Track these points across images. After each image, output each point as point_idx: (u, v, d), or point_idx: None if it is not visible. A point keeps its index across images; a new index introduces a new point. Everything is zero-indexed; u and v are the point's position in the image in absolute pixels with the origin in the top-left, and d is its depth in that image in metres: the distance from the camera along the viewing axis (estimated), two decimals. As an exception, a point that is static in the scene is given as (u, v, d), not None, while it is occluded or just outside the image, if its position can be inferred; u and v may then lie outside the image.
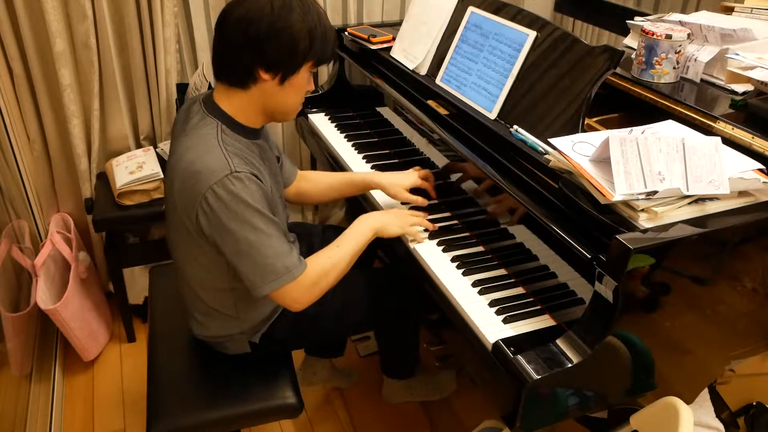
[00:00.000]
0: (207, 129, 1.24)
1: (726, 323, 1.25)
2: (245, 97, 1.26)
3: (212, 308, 1.41)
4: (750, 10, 1.61)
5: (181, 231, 1.28)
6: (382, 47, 1.96)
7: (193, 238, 1.27)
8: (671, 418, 1.12)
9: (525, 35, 1.47)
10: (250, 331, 1.45)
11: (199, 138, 1.23)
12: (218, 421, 1.41)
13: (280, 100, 1.27)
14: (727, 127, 1.29)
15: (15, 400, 1.74)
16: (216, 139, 1.22)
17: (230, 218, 1.19)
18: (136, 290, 2.35)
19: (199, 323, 1.46)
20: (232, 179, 1.17)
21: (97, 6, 1.98)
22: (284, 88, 1.25)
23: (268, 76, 1.22)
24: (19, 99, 2.06)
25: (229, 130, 1.26)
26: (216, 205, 1.18)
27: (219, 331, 1.44)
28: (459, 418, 2.00)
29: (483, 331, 1.22)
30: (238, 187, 1.18)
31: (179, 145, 1.26)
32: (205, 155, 1.20)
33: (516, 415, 1.11)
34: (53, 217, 2.25)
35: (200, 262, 1.32)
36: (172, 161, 1.28)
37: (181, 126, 1.31)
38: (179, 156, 1.23)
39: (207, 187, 1.17)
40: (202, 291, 1.39)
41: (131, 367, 2.21)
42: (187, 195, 1.21)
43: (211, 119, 1.26)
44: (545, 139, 1.29)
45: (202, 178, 1.18)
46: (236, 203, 1.18)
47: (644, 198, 1.09)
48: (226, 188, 1.17)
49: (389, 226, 1.45)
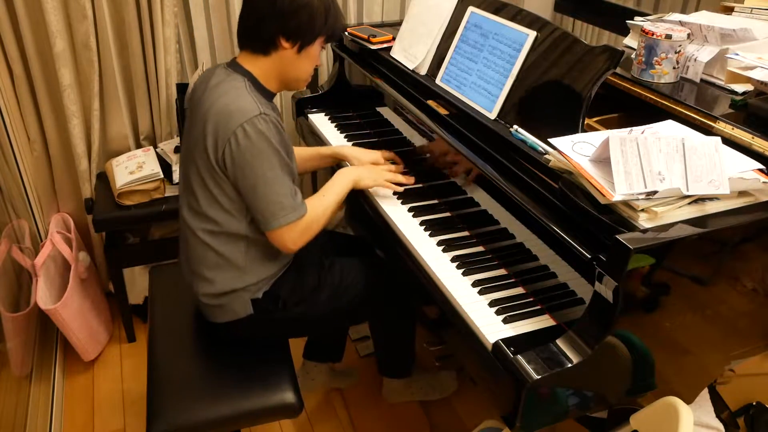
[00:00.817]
0: (236, 82, 1.39)
1: (726, 323, 1.25)
2: (267, 62, 1.43)
3: (222, 259, 1.45)
4: (750, 10, 1.61)
5: (205, 175, 1.39)
6: (382, 47, 1.96)
7: (216, 180, 1.38)
8: (671, 418, 1.12)
9: (525, 35, 1.47)
10: (254, 289, 1.49)
11: (230, 87, 1.38)
12: (218, 420, 1.41)
13: (296, 67, 1.45)
14: (727, 127, 1.29)
15: (15, 400, 1.74)
16: (246, 89, 1.38)
17: (254, 155, 1.33)
18: (136, 290, 2.35)
19: (205, 280, 1.48)
20: (260, 119, 1.33)
21: (97, 6, 1.98)
22: (300, 57, 1.43)
23: (288, 45, 1.40)
24: (19, 99, 2.06)
25: (254, 87, 1.41)
26: (243, 141, 1.32)
27: (225, 286, 1.47)
28: (459, 418, 2.00)
29: (483, 331, 1.22)
30: (264, 127, 1.34)
31: (209, 96, 1.38)
32: (237, 99, 1.36)
33: (516, 415, 1.11)
34: (53, 217, 2.25)
35: (222, 205, 1.41)
36: (202, 109, 1.38)
37: (202, 88, 1.43)
38: (212, 102, 1.36)
39: (238, 125, 1.32)
40: (216, 240, 1.44)
41: (131, 367, 2.22)
42: (219, 132, 1.34)
43: (238, 75, 1.41)
44: (545, 139, 1.29)
45: (235, 116, 1.33)
46: (261, 141, 1.33)
47: (644, 198, 1.09)
48: (254, 127, 1.33)
49: (364, 178, 1.62)
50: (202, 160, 1.38)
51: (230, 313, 1.50)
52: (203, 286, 1.49)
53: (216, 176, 1.38)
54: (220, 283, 1.47)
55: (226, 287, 1.47)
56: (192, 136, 1.42)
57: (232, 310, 1.50)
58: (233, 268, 1.46)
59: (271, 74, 1.45)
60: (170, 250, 2.21)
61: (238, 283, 1.47)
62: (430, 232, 1.52)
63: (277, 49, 1.41)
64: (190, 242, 1.48)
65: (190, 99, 1.49)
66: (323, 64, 2.44)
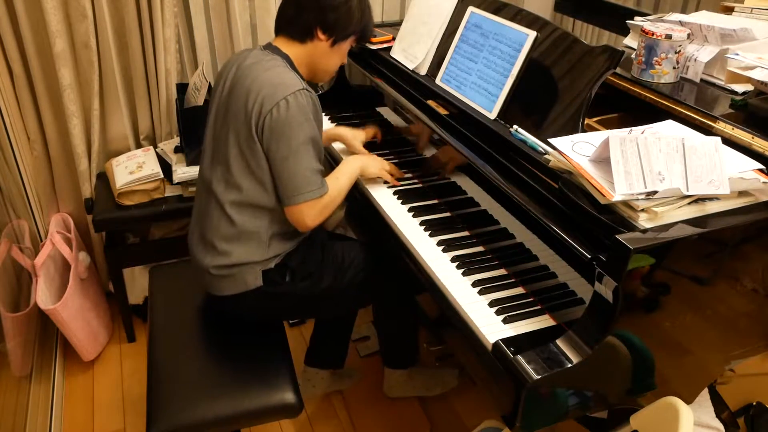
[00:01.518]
0: (277, 61, 1.48)
1: (726, 323, 1.25)
2: (301, 49, 1.52)
3: (244, 232, 1.49)
4: (750, 10, 1.61)
5: (242, 144, 1.44)
6: (382, 47, 1.97)
7: (254, 149, 1.43)
8: (671, 418, 1.12)
9: (525, 35, 1.47)
10: (268, 261, 1.53)
11: (273, 64, 1.46)
12: (218, 420, 1.41)
13: (327, 60, 1.55)
14: (727, 127, 1.29)
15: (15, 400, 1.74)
16: (287, 67, 1.47)
17: (292, 126, 1.39)
18: (136, 290, 2.35)
19: (221, 253, 1.50)
20: (303, 93, 1.41)
21: (97, 6, 1.98)
22: (332, 51, 1.53)
23: (324, 37, 1.50)
24: (19, 99, 2.06)
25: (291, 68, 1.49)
26: (284, 112, 1.39)
27: (241, 258, 1.50)
28: (459, 418, 2.00)
29: (483, 331, 1.22)
30: (306, 101, 1.41)
31: (250, 71, 1.45)
32: (282, 74, 1.44)
33: (516, 415, 1.11)
34: (53, 217, 2.25)
35: (255, 174, 1.45)
36: (244, 83, 1.44)
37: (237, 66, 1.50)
38: (255, 76, 1.43)
39: (283, 96, 1.39)
40: (242, 212, 1.48)
41: (131, 367, 2.22)
42: (265, 101, 1.39)
43: (277, 56, 1.49)
44: (545, 139, 1.29)
45: (281, 88, 1.40)
46: (300, 114, 1.40)
47: (644, 198, 1.09)
48: (297, 99, 1.40)
49: (370, 167, 1.69)
50: (243, 130, 1.43)
51: (240, 285, 1.52)
52: (217, 259, 1.51)
53: (253, 145, 1.42)
54: (235, 255, 1.50)
55: (241, 259, 1.50)
56: (230, 108, 1.47)
57: (243, 281, 1.51)
58: (254, 241, 1.50)
59: (303, 61, 1.53)
60: (170, 250, 2.21)
61: (255, 256, 1.51)
62: (430, 232, 1.52)
63: (313, 39, 1.49)
64: (213, 215, 1.51)
65: (224, 75, 1.53)
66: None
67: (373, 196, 1.68)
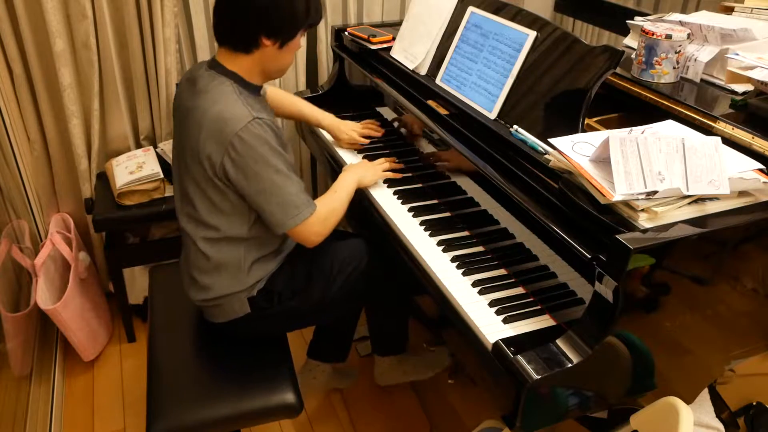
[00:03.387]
0: (224, 86, 1.37)
1: (726, 323, 1.25)
2: (248, 59, 1.40)
3: (221, 265, 1.46)
4: (750, 10, 1.61)
5: (203, 183, 1.38)
6: (382, 47, 1.96)
7: (217, 187, 1.37)
8: (671, 418, 1.12)
9: (525, 35, 1.47)
10: (250, 288, 1.49)
11: (220, 93, 1.36)
12: (218, 420, 1.41)
13: (279, 62, 1.43)
14: (727, 127, 1.29)
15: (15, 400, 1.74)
16: (235, 93, 1.36)
17: (256, 160, 1.33)
18: (136, 290, 2.35)
19: (202, 287, 1.48)
20: (255, 124, 1.32)
21: (97, 6, 1.98)
22: (282, 51, 1.41)
23: (269, 42, 1.37)
24: (19, 99, 2.06)
25: (241, 88, 1.40)
26: (242, 148, 1.31)
27: (222, 291, 1.47)
28: (459, 418, 2.00)
29: (483, 331, 1.22)
30: (260, 131, 1.32)
31: (201, 102, 1.36)
32: (230, 105, 1.34)
33: (516, 415, 1.11)
34: (53, 217, 2.25)
35: (223, 212, 1.41)
36: (195, 117, 1.36)
37: (189, 92, 1.42)
38: (204, 110, 1.34)
39: (234, 133, 1.31)
40: (215, 247, 1.44)
41: (131, 367, 2.22)
42: (216, 142, 1.32)
43: (224, 78, 1.39)
44: (545, 139, 1.29)
45: (230, 124, 1.31)
46: (260, 146, 1.32)
47: (644, 198, 1.09)
48: (251, 133, 1.31)
49: (366, 177, 1.67)
50: (199, 170, 1.37)
51: (228, 313, 1.51)
52: (200, 293, 1.50)
53: (216, 186, 1.37)
54: (217, 288, 1.47)
55: (223, 291, 1.48)
56: (186, 145, 1.40)
57: (231, 310, 1.50)
58: (232, 272, 1.46)
59: (253, 71, 1.43)
60: (170, 250, 2.21)
61: (236, 286, 1.48)
62: (430, 232, 1.52)
63: (259, 47, 1.38)
64: (190, 249, 1.48)
65: (178, 103, 1.48)
66: (323, 64, 2.44)
67: (373, 197, 1.68)
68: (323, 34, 2.38)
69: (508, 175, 1.36)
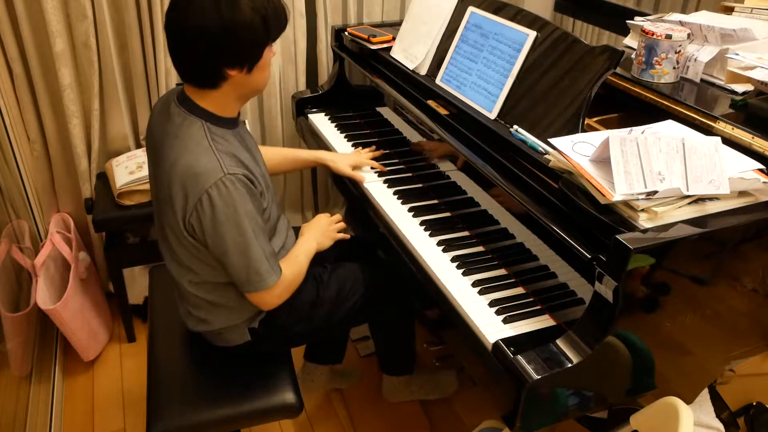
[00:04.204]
0: (194, 129, 1.27)
1: (726, 323, 1.25)
2: (218, 93, 1.29)
3: (214, 303, 1.42)
4: (750, 10, 1.61)
5: (177, 230, 1.30)
6: (382, 47, 1.96)
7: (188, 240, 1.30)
8: (671, 418, 1.12)
9: (525, 35, 1.47)
10: (250, 320, 1.47)
11: (190, 139, 1.26)
12: (218, 420, 1.41)
13: (252, 86, 1.31)
14: (727, 127, 1.29)
15: (15, 400, 1.74)
16: (207, 139, 1.26)
17: (221, 222, 1.24)
18: (136, 290, 2.35)
19: (199, 320, 1.46)
20: (225, 182, 1.22)
21: (97, 6, 1.98)
22: (252, 75, 1.28)
23: (235, 72, 1.25)
24: (19, 99, 2.06)
25: (214, 127, 1.29)
26: (209, 209, 1.23)
27: (221, 324, 1.45)
28: (459, 418, 2.00)
29: (483, 331, 1.22)
30: (231, 189, 1.22)
31: (171, 149, 1.27)
32: (200, 157, 1.23)
33: (516, 415, 1.11)
34: (53, 217, 2.25)
35: (200, 258, 1.34)
36: (165, 165, 1.27)
37: (161, 128, 1.33)
38: (174, 159, 1.25)
39: (203, 191, 1.21)
40: (203, 288, 1.40)
41: (131, 367, 2.21)
42: (184, 198, 1.24)
43: (194, 119, 1.28)
44: (545, 139, 1.29)
45: (200, 181, 1.22)
46: (228, 207, 1.23)
47: (644, 198, 1.09)
48: (220, 191, 1.22)
49: (323, 242, 1.59)
50: (172, 217, 1.29)
51: (228, 341, 1.50)
52: (198, 325, 1.48)
53: (189, 237, 1.30)
54: (215, 323, 1.45)
55: (222, 325, 1.46)
56: (160, 190, 1.31)
57: (231, 339, 1.49)
58: (225, 309, 1.43)
59: (226, 102, 1.31)
60: (170, 250, 2.21)
61: (234, 319, 1.45)
62: (430, 232, 1.52)
63: (227, 80, 1.26)
64: (180, 287, 1.44)
65: (151, 128, 1.39)
66: (323, 64, 2.44)
67: (373, 196, 1.68)
68: (323, 34, 2.38)
69: (508, 175, 1.36)
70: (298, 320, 1.52)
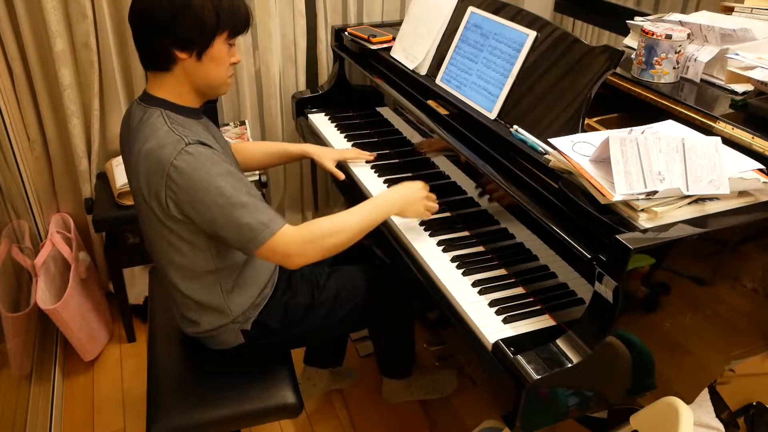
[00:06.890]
0: (153, 118, 1.29)
1: (726, 323, 1.25)
2: (172, 78, 1.31)
3: (201, 302, 1.42)
4: (750, 10, 1.61)
5: (157, 226, 1.32)
6: (382, 47, 1.96)
7: (170, 228, 1.31)
8: (671, 418, 1.12)
9: (525, 35, 1.47)
10: (241, 319, 1.46)
11: (150, 128, 1.28)
12: (218, 420, 1.41)
13: (203, 75, 1.32)
14: (727, 127, 1.29)
15: (15, 400, 1.74)
16: (166, 124, 1.28)
17: (196, 188, 1.23)
18: (136, 290, 2.35)
19: (191, 322, 1.46)
20: (189, 150, 1.23)
21: (97, 6, 1.98)
22: (204, 63, 1.30)
23: (184, 55, 1.27)
24: (19, 99, 2.06)
25: (174, 114, 1.31)
26: (179, 179, 1.23)
27: (211, 325, 1.45)
28: (459, 418, 2.00)
29: (483, 331, 1.22)
30: (195, 155, 1.23)
31: (135, 141, 1.30)
32: (160, 137, 1.25)
33: (516, 415, 1.11)
34: (53, 217, 2.25)
35: (182, 251, 1.35)
36: (132, 159, 1.30)
37: (126, 130, 1.36)
38: (138, 149, 1.27)
39: (168, 164, 1.22)
40: (188, 285, 1.40)
41: (131, 367, 2.21)
42: (153, 180, 1.25)
43: (154, 109, 1.31)
44: (545, 139, 1.29)
45: (162, 157, 1.23)
46: (198, 171, 1.23)
47: (644, 198, 1.09)
48: (185, 160, 1.22)
49: (407, 211, 1.49)
50: (150, 214, 1.30)
51: (223, 343, 1.49)
52: (190, 327, 1.48)
53: (168, 223, 1.29)
54: (205, 324, 1.45)
55: (213, 325, 1.45)
56: (133, 185, 1.34)
57: (225, 341, 1.49)
58: (214, 305, 1.43)
59: (183, 90, 1.33)
60: (170, 250, 2.21)
61: (223, 318, 1.45)
62: (430, 232, 1.52)
63: (177, 62, 1.28)
64: (170, 287, 1.45)
65: (122, 144, 1.41)
66: (323, 64, 2.44)
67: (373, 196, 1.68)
68: (323, 34, 2.38)
69: (508, 175, 1.36)
70: (293, 324, 1.52)
